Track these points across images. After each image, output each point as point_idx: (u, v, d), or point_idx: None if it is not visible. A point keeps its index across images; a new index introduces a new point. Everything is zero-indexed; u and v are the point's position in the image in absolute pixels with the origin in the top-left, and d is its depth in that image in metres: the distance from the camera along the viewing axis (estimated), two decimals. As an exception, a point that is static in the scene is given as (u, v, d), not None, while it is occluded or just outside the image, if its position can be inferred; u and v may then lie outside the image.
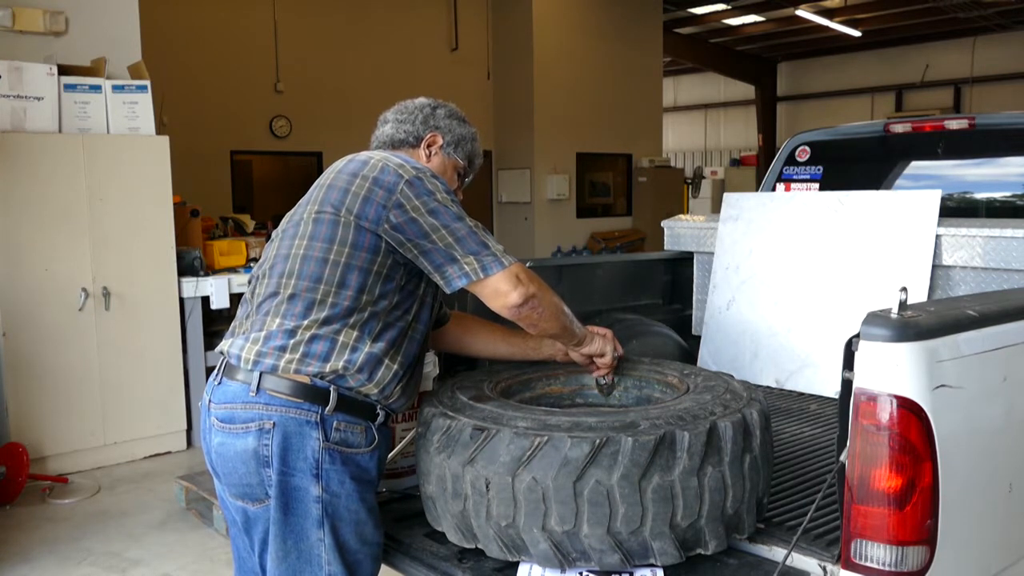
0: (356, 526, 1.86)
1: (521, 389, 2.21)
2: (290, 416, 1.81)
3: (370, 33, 11.28)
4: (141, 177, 5.24)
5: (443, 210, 1.90)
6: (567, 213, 13.52)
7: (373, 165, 1.94)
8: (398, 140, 2.16)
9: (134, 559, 3.91)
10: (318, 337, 1.84)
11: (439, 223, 1.89)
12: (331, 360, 1.83)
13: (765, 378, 3.14)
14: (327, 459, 1.82)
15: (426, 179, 1.93)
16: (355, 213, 1.88)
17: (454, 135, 2.18)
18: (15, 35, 5.25)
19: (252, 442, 1.81)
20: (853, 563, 1.49)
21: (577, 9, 13.30)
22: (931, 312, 1.54)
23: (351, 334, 1.86)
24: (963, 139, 3.67)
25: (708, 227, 3.56)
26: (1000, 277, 2.74)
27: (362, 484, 1.87)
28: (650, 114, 14.62)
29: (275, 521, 1.83)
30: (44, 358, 4.90)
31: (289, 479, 1.81)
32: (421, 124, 2.16)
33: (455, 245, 1.88)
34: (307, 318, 1.85)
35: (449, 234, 1.88)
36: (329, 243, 1.89)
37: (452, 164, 2.19)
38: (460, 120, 2.21)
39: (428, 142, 2.15)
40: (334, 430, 1.82)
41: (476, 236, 1.90)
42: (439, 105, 2.21)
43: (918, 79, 18.30)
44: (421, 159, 2.14)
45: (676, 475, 1.66)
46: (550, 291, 1.96)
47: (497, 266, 1.88)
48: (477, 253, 1.89)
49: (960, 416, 1.51)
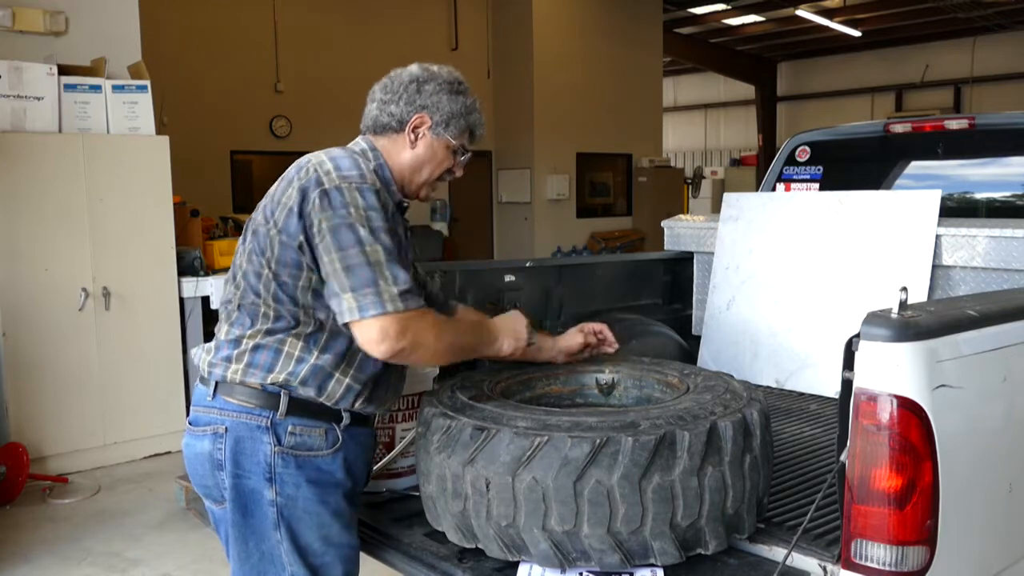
0: (319, 528, 1.83)
1: (521, 389, 2.21)
2: (241, 421, 1.81)
3: (370, 33, 11.28)
4: (141, 177, 5.24)
5: (345, 230, 1.75)
6: (567, 213, 13.53)
7: (306, 171, 1.83)
8: (381, 124, 1.98)
9: (134, 559, 3.91)
10: (261, 347, 1.82)
11: (335, 245, 1.75)
12: (274, 371, 1.81)
13: (765, 378, 3.13)
14: (280, 463, 1.80)
15: (346, 191, 1.78)
16: (279, 226, 1.80)
17: (443, 113, 1.96)
18: (15, 35, 5.25)
19: (208, 445, 1.84)
20: (853, 563, 1.49)
21: (577, 9, 13.31)
22: (931, 312, 1.54)
23: (295, 344, 1.81)
24: (963, 139, 3.67)
25: (708, 227, 3.56)
26: (1000, 277, 2.74)
27: (323, 487, 1.83)
28: (650, 114, 14.63)
29: (234, 523, 1.84)
30: (44, 358, 4.90)
31: (243, 482, 1.81)
32: (406, 105, 1.96)
33: (343, 274, 1.74)
34: (252, 328, 1.84)
35: (340, 260, 1.74)
36: (261, 256, 1.83)
37: (443, 144, 1.99)
38: (452, 92, 1.98)
39: (414, 125, 1.96)
40: (288, 434, 1.80)
41: (367, 269, 1.73)
42: (427, 79, 1.98)
43: (918, 79, 18.30)
44: (404, 147, 1.97)
45: (676, 475, 1.66)
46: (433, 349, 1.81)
47: (375, 308, 1.72)
48: (358, 289, 1.73)
49: (960, 416, 1.51)
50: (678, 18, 16.26)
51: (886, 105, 18.91)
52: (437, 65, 2.02)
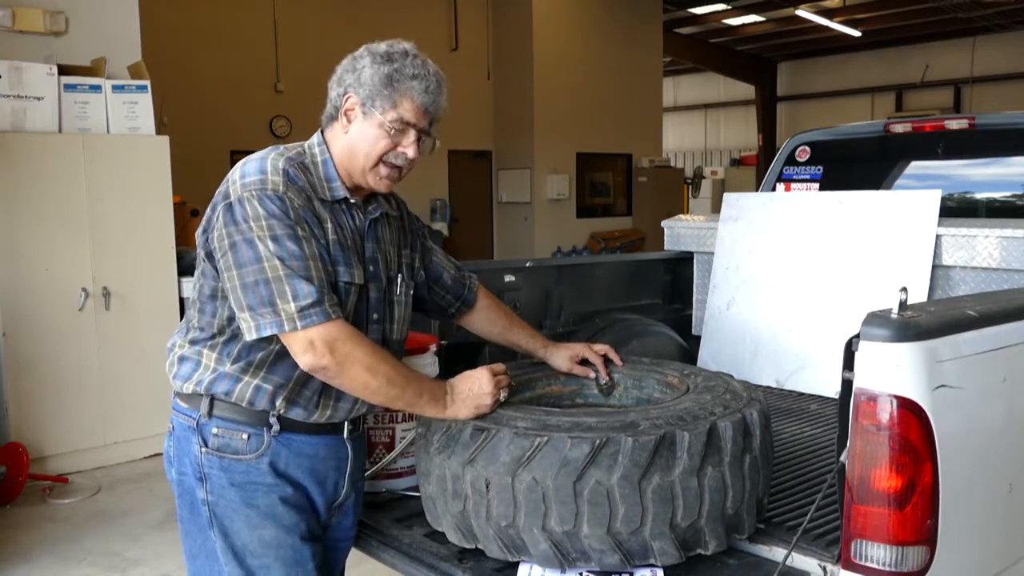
0: (251, 529, 1.81)
1: (521, 389, 2.21)
2: (179, 421, 1.87)
3: (370, 33, 11.12)
4: (141, 177, 5.24)
5: (243, 246, 1.69)
6: (567, 213, 13.53)
7: (224, 180, 1.79)
8: (328, 115, 1.85)
9: (134, 559, 3.91)
10: (185, 358, 1.86)
11: (233, 262, 1.70)
12: (190, 380, 1.83)
13: (765, 378, 3.13)
14: (207, 463, 1.81)
15: (246, 202, 1.70)
16: (204, 238, 1.80)
17: (367, 88, 1.75)
18: (15, 35, 5.25)
19: (165, 443, 1.93)
20: (853, 563, 1.49)
21: (577, 9, 13.31)
22: (931, 312, 1.54)
23: (210, 355, 1.83)
24: (963, 139, 3.67)
25: (708, 227, 3.56)
26: (1000, 277, 2.74)
27: (250, 489, 1.80)
28: (650, 114, 14.64)
29: (181, 519, 1.90)
30: (44, 358, 4.90)
31: (184, 479, 1.86)
32: (337, 86, 1.81)
33: (239, 292, 1.70)
34: (182, 337, 1.89)
35: (238, 277, 1.70)
36: (197, 268, 1.87)
37: (374, 122, 1.77)
38: (374, 62, 1.76)
39: (345, 109, 1.80)
40: (212, 436, 1.81)
41: (263, 287, 1.67)
42: (360, 55, 1.80)
43: (918, 79, 18.31)
44: (340, 135, 1.82)
45: (676, 475, 1.66)
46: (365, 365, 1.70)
47: (271, 329, 1.68)
48: (255, 308, 1.68)
49: (960, 416, 1.51)
50: (678, 18, 16.26)
51: (886, 105, 18.91)
52: (388, 42, 1.81)
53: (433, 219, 12.85)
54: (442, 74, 1.83)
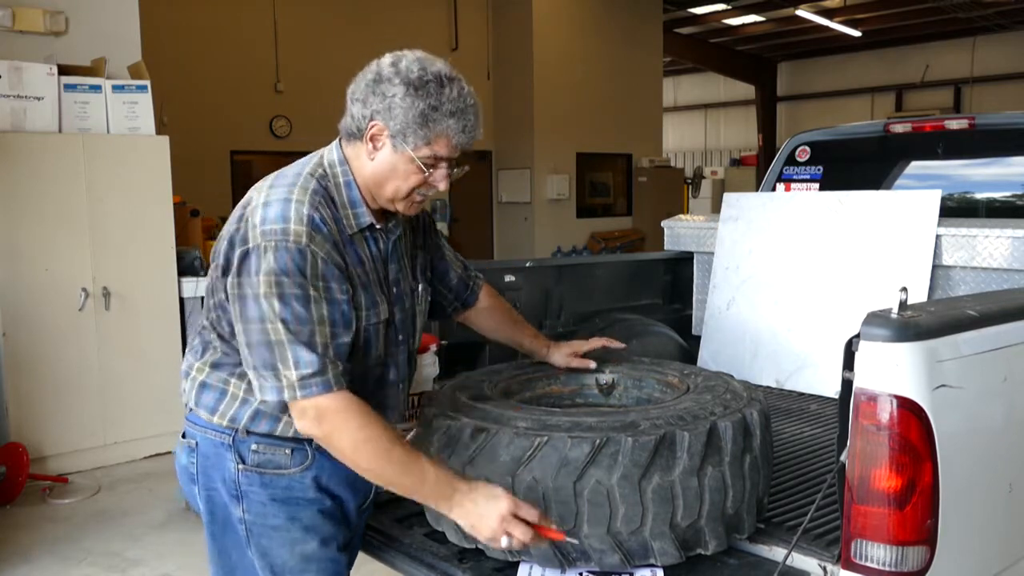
0: (291, 545, 1.75)
1: (521, 389, 2.21)
2: (208, 437, 1.77)
3: (370, 33, 11.27)
4: (141, 177, 5.24)
5: (251, 303, 1.60)
6: (567, 213, 13.52)
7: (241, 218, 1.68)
8: (349, 130, 1.73)
9: (134, 559, 3.91)
10: (207, 387, 1.76)
11: (241, 316, 1.63)
12: (217, 412, 1.74)
13: (765, 378, 3.13)
14: (245, 481, 1.73)
15: (262, 253, 1.60)
16: (218, 274, 1.71)
17: (398, 121, 1.63)
18: (15, 35, 5.25)
19: (184, 458, 1.81)
20: (853, 563, 1.49)
21: (577, 9, 13.31)
22: (931, 312, 1.54)
23: (239, 385, 1.73)
24: (963, 139, 3.67)
25: (708, 227, 3.56)
26: (1000, 277, 2.74)
27: (292, 504, 1.75)
28: (650, 114, 14.63)
29: (212, 536, 1.80)
30: (44, 358, 4.90)
31: (216, 497, 1.78)
32: (362, 108, 1.67)
33: (246, 349, 1.63)
34: (200, 359, 1.79)
35: (244, 333, 1.63)
36: (211, 296, 1.76)
37: (407, 158, 1.66)
38: (410, 95, 1.62)
39: (371, 135, 1.68)
40: (251, 452, 1.73)
41: (265, 349, 1.59)
42: (388, 76, 1.65)
43: (918, 79, 18.30)
44: (365, 160, 1.71)
45: (676, 475, 1.66)
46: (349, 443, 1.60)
47: (271, 395, 1.61)
48: (259, 368, 1.62)
49: (960, 416, 1.51)
50: (678, 18, 16.26)
51: (886, 105, 18.90)
52: (415, 57, 1.68)
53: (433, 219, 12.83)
54: (479, 101, 1.72)
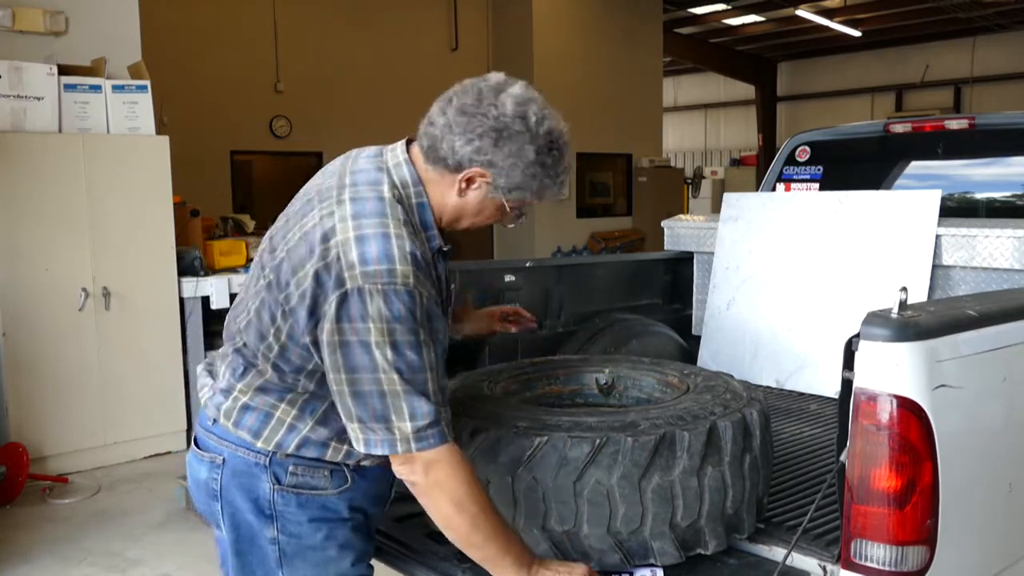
0: (325, 565, 1.70)
1: (521, 389, 2.21)
2: (239, 455, 1.67)
3: (370, 33, 11.28)
4: (141, 177, 5.24)
5: (359, 350, 1.49)
6: (567, 213, 13.52)
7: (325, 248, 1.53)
8: (437, 154, 1.62)
9: (134, 559, 3.91)
10: (250, 409, 1.66)
11: (344, 364, 1.50)
12: (262, 436, 1.64)
13: (765, 378, 3.13)
14: (280, 501, 1.66)
15: (367, 297, 1.48)
16: (290, 307, 1.57)
17: (511, 181, 1.61)
18: (15, 35, 5.24)
19: (205, 473, 1.72)
20: (853, 563, 1.49)
21: (577, 9, 13.31)
22: (931, 312, 1.54)
23: (288, 411, 1.65)
24: (963, 139, 3.67)
25: (708, 227, 3.56)
26: (1000, 277, 2.74)
27: (329, 523, 1.69)
28: (650, 114, 14.63)
29: (237, 553, 1.73)
30: (44, 358, 4.90)
31: (242, 516, 1.69)
32: (473, 153, 1.58)
33: (350, 400, 1.52)
34: (243, 380, 1.67)
35: (348, 383, 1.51)
36: (271, 322, 1.62)
37: (496, 204, 1.67)
38: (533, 163, 1.61)
39: (469, 177, 1.62)
40: (288, 474, 1.65)
41: (378, 400, 1.50)
42: (515, 133, 1.58)
43: (918, 79, 18.30)
44: (450, 190, 1.64)
45: (676, 475, 1.66)
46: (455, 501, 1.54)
47: (383, 448, 1.52)
48: (366, 422, 1.51)
49: (960, 416, 1.51)
50: (678, 18, 16.26)
51: (886, 105, 18.90)
52: (540, 110, 1.63)
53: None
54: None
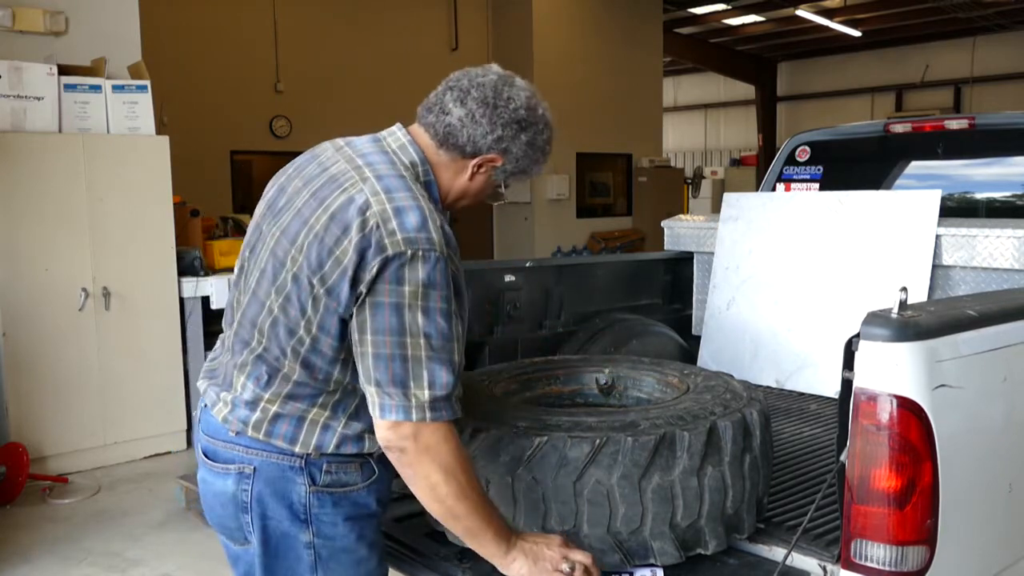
0: (357, 566, 1.71)
1: (521, 389, 2.21)
2: (272, 461, 1.64)
3: (370, 33, 11.28)
4: (141, 177, 5.24)
5: (389, 312, 1.50)
6: (567, 213, 13.52)
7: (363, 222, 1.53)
8: (455, 142, 1.68)
9: (134, 559, 3.91)
10: (281, 416, 1.63)
11: (371, 326, 1.51)
12: (299, 442, 1.63)
13: (765, 378, 3.13)
14: (316, 503, 1.65)
15: (407, 261, 1.50)
16: (327, 285, 1.55)
17: (519, 166, 1.74)
18: (15, 35, 5.24)
19: (232, 485, 1.67)
20: (853, 563, 1.49)
21: (577, 9, 13.31)
22: (931, 312, 1.54)
23: (321, 413, 1.64)
24: (963, 139, 3.67)
25: (708, 227, 3.56)
26: (1000, 277, 2.74)
27: (361, 521, 1.70)
28: (650, 114, 14.63)
29: (264, 566, 1.69)
30: (44, 358, 4.90)
31: (274, 525, 1.66)
32: (494, 141, 1.69)
33: (371, 361, 1.52)
34: (269, 389, 1.64)
35: (372, 344, 1.51)
36: (300, 314, 1.59)
37: (493, 184, 1.79)
38: (540, 151, 1.76)
39: (482, 162, 1.71)
40: (323, 473, 1.65)
41: (399, 364, 1.50)
42: (531, 125, 1.72)
43: (918, 79, 18.30)
44: (460, 174, 1.73)
45: (676, 475, 1.66)
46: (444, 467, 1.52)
47: (396, 414, 1.50)
48: (384, 385, 1.51)
49: (960, 416, 1.51)
50: (678, 18, 16.26)
51: (886, 105, 18.90)
52: (541, 101, 1.79)
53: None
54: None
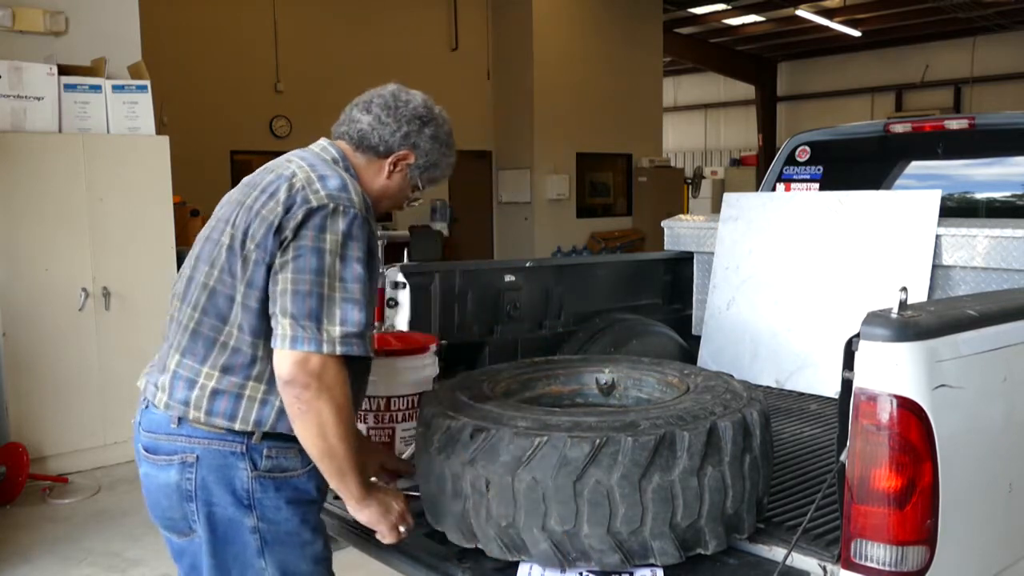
0: (301, 548, 1.77)
1: (521, 389, 2.21)
2: (213, 448, 1.70)
3: (370, 33, 11.28)
4: (141, 177, 5.24)
5: (311, 255, 1.63)
6: (567, 213, 13.53)
7: (289, 186, 1.70)
8: (368, 144, 1.87)
9: (134, 559, 3.91)
10: (219, 393, 1.69)
11: (293, 267, 1.63)
12: (238, 418, 1.69)
13: (765, 378, 3.13)
14: (258, 488, 1.71)
15: (330, 212, 1.66)
16: (257, 241, 1.67)
17: (429, 160, 1.92)
18: (15, 35, 5.24)
19: (175, 475, 1.72)
20: (853, 563, 1.49)
21: (577, 9, 13.31)
22: (931, 312, 1.54)
23: (257, 387, 1.70)
24: (963, 139, 3.67)
25: (708, 227, 3.56)
26: (1000, 277, 2.74)
27: (303, 506, 1.76)
28: (650, 114, 14.64)
29: (211, 554, 1.74)
30: (44, 358, 4.90)
31: (220, 512, 1.72)
32: (403, 139, 1.88)
33: (288, 296, 1.62)
34: (207, 363, 1.71)
35: (291, 282, 1.63)
36: (231, 276, 1.69)
37: (412, 185, 1.95)
38: (444, 144, 1.94)
39: (397, 159, 1.89)
40: (264, 457, 1.71)
41: (316, 300, 1.61)
42: (431, 120, 1.91)
43: (918, 79, 18.30)
44: (379, 174, 1.89)
45: (676, 475, 1.66)
46: (337, 406, 1.62)
47: (308, 345, 1.59)
48: (297, 318, 1.60)
49: (960, 416, 1.51)
50: (678, 18, 16.26)
51: (886, 105, 18.90)
52: (437, 106, 1.96)
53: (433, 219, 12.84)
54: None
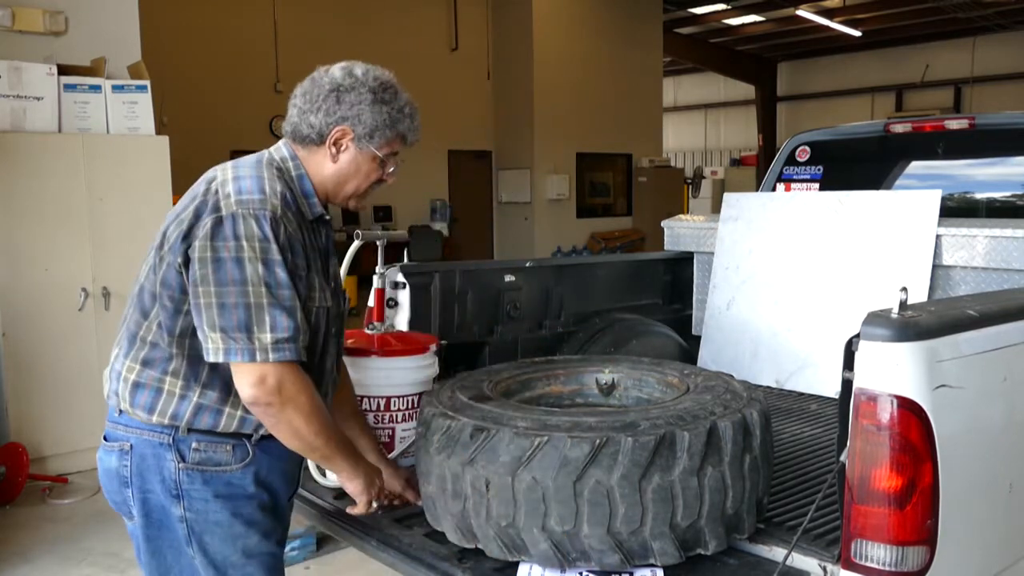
0: (233, 540, 1.77)
1: (521, 389, 2.21)
2: (144, 438, 1.75)
3: (370, 33, 11.28)
4: (141, 177, 5.23)
5: (231, 265, 1.63)
6: (567, 213, 13.54)
7: (206, 190, 1.73)
8: (301, 135, 1.84)
9: (134, 559, 3.87)
10: (140, 386, 1.74)
11: (214, 279, 1.63)
12: (156, 412, 1.73)
13: (765, 378, 3.13)
14: (186, 479, 1.73)
15: (240, 219, 1.66)
16: (170, 243, 1.71)
17: (366, 125, 1.81)
18: (15, 35, 5.24)
19: (115, 462, 1.79)
20: (853, 563, 1.49)
21: (577, 9, 13.32)
22: (931, 312, 1.54)
23: (175, 382, 1.73)
24: (963, 139, 3.67)
25: (708, 227, 3.56)
26: (1000, 277, 2.74)
27: (236, 500, 1.77)
28: (650, 114, 14.65)
29: (147, 538, 1.82)
30: (44, 358, 4.90)
31: (154, 499, 1.77)
32: (325, 116, 1.80)
33: (216, 311, 1.63)
34: (130, 356, 1.77)
35: (216, 295, 1.63)
36: (154, 274, 1.74)
37: (368, 156, 1.84)
38: (376, 102, 1.82)
39: (334, 139, 1.82)
40: (191, 451, 1.73)
41: (243, 311, 1.62)
42: (349, 87, 1.81)
43: (918, 79, 18.32)
44: (325, 160, 1.84)
45: (676, 475, 1.66)
46: (304, 413, 1.69)
47: (241, 356, 1.63)
48: (229, 331, 1.62)
49: (960, 416, 1.51)
50: (678, 18, 16.27)
51: (886, 105, 18.92)
52: (364, 67, 1.86)
53: (433, 219, 12.86)
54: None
